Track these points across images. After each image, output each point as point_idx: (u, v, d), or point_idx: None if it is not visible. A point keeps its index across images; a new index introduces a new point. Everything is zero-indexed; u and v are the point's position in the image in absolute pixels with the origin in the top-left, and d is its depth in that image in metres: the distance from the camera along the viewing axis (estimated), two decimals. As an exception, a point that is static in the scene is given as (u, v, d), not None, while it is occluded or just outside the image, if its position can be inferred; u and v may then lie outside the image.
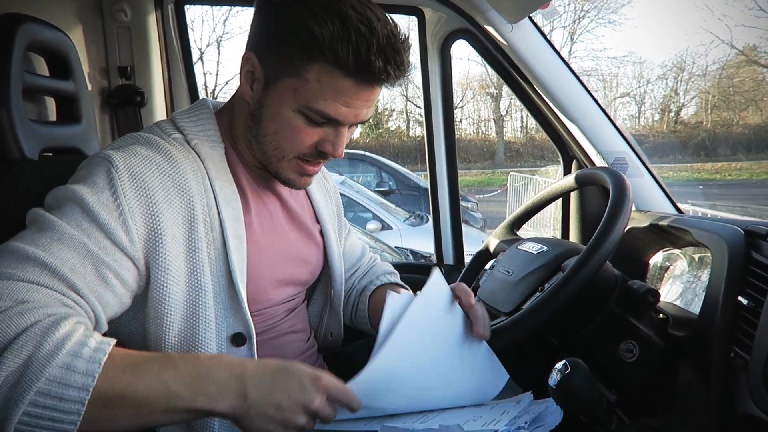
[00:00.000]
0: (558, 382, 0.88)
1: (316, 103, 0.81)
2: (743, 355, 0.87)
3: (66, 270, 0.69)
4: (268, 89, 0.84)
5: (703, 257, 1.13)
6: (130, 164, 0.78)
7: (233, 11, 18.54)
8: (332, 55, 0.77)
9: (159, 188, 0.78)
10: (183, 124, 0.89)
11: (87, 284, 0.71)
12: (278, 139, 0.86)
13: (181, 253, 0.80)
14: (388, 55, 0.79)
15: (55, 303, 0.67)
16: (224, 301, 0.84)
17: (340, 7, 0.77)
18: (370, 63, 0.77)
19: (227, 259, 0.83)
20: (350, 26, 0.76)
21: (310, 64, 0.79)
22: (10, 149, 0.92)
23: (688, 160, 19.33)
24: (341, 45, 0.76)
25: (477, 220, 7.30)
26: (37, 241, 0.70)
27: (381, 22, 0.79)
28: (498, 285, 1.14)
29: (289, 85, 0.81)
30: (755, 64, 19.68)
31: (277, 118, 0.84)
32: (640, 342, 0.99)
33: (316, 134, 0.85)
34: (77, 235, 0.71)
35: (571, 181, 1.23)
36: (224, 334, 0.84)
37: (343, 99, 0.81)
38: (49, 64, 1.11)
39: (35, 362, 0.60)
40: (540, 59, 1.45)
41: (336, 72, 0.78)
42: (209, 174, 0.85)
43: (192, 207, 0.81)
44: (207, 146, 0.88)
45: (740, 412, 0.86)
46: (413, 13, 1.62)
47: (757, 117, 20.68)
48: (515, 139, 22.41)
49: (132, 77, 1.62)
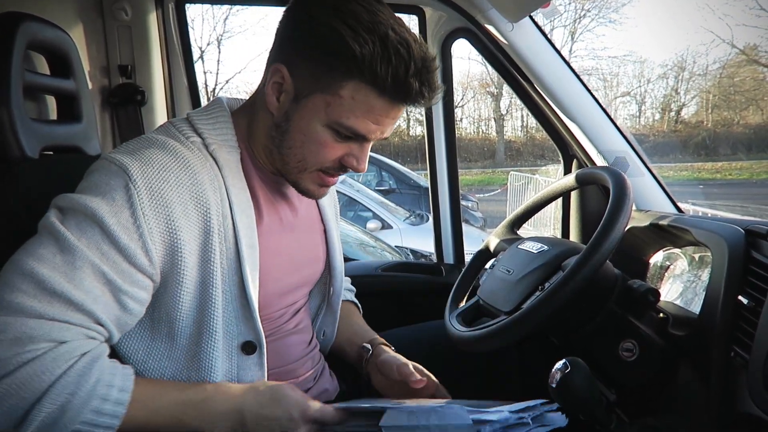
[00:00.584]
0: (558, 382, 0.88)
1: (347, 120, 0.81)
2: (743, 355, 0.87)
3: (90, 303, 0.71)
4: (299, 103, 0.83)
5: (704, 257, 1.13)
6: (148, 178, 0.76)
7: (233, 10, 18.55)
8: (370, 74, 0.77)
9: (177, 203, 0.77)
10: (201, 126, 0.87)
11: (107, 312, 0.74)
12: (303, 152, 0.85)
13: (195, 265, 0.80)
14: (423, 77, 0.80)
15: (83, 338, 0.72)
16: (236, 310, 0.84)
17: (380, 27, 0.77)
18: (407, 85, 0.78)
19: (240, 268, 0.83)
20: (390, 47, 0.77)
21: (346, 81, 0.79)
22: (10, 148, 0.92)
23: (689, 160, 19.33)
24: (381, 65, 0.76)
25: (477, 219, 7.30)
26: (60, 268, 0.70)
27: (417, 44, 0.80)
28: (498, 284, 1.14)
29: (321, 100, 0.81)
30: (756, 63, 19.69)
31: (306, 131, 0.84)
32: (640, 341, 0.99)
33: (341, 149, 0.85)
34: (98, 263, 0.71)
35: (572, 180, 1.23)
36: (235, 342, 0.85)
37: (373, 117, 0.82)
38: (50, 63, 1.11)
39: (71, 409, 0.66)
40: (540, 58, 1.45)
41: (371, 91, 0.79)
42: (226, 182, 0.84)
43: (209, 218, 0.80)
44: (225, 152, 0.86)
45: (740, 412, 0.86)
46: (414, 12, 1.62)
47: (757, 116, 20.68)
48: (515, 138, 22.41)
49: (132, 76, 1.62)
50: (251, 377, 0.86)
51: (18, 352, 0.65)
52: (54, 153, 1.07)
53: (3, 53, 0.92)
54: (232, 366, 0.85)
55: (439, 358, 1.14)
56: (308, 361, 1.02)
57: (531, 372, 1.20)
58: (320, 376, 1.05)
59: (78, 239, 0.71)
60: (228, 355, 0.84)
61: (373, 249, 3.85)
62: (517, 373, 1.25)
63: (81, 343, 0.71)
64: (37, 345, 0.67)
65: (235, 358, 0.85)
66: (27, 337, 0.66)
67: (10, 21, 0.95)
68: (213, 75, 18.97)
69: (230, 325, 0.84)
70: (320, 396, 1.02)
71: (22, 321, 0.66)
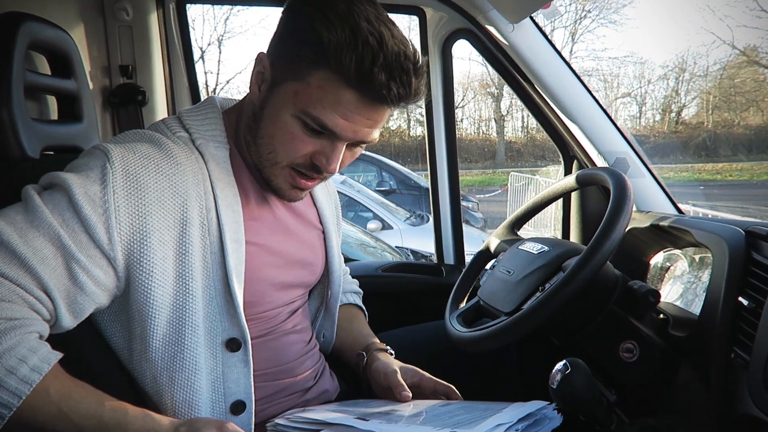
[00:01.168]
0: (558, 382, 0.88)
1: (314, 110, 0.79)
2: (743, 356, 0.87)
3: (35, 261, 0.69)
4: (272, 91, 0.83)
5: (704, 258, 1.13)
6: (126, 161, 0.77)
7: (234, 10, 18.54)
8: (336, 62, 0.76)
9: (153, 189, 0.77)
10: (189, 122, 0.88)
11: (55, 278, 0.71)
12: (273, 143, 0.84)
13: (170, 257, 0.79)
14: (394, 72, 0.77)
15: (17, 300, 0.69)
16: (219, 305, 0.83)
17: (354, 16, 0.76)
18: (372, 75, 0.75)
19: (224, 262, 0.82)
20: (359, 36, 0.75)
21: (315, 69, 0.78)
22: (11, 148, 0.92)
23: (689, 161, 19.32)
24: (346, 53, 0.75)
25: (477, 219, 7.30)
26: (17, 224, 0.71)
27: (395, 38, 0.78)
28: (498, 285, 1.14)
29: (292, 88, 0.81)
30: (756, 64, 19.67)
31: (276, 120, 0.83)
32: (641, 342, 0.99)
33: (311, 144, 0.83)
34: (55, 226, 0.72)
35: (572, 181, 1.23)
36: (219, 338, 0.83)
37: (341, 110, 0.79)
38: (51, 63, 1.11)
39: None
40: (541, 59, 1.45)
41: (339, 81, 0.77)
42: (211, 176, 0.84)
43: (186, 210, 0.79)
44: (212, 147, 0.86)
45: (740, 413, 0.86)
46: (414, 13, 1.62)
47: (758, 118, 20.67)
48: (516, 138, 22.40)
49: (133, 76, 1.62)
50: (237, 375, 0.85)
51: None
52: (55, 153, 1.07)
53: (4, 53, 0.92)
54: (217, 363, 0.84)
55: (440, 358, 1.14)
56: (307, 360, 1.01)
57: (531, 373, 1.20)
58: (320, 376, 1.05)
59: (45, 204, 0.73)
60: (212, 352, 0.83)
61: (374, 249, 3.85)
62: (518, 373, 1.25)
63: (9, 306, 0.68)
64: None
65: (219, 355, 0.84)
66: None
67: (11, 21, 0.95)
68: (214, 75, 18.99)
69: (213, 321, 0.83)
70: (320, 396, 1.02)
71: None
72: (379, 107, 0.80)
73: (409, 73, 0.78)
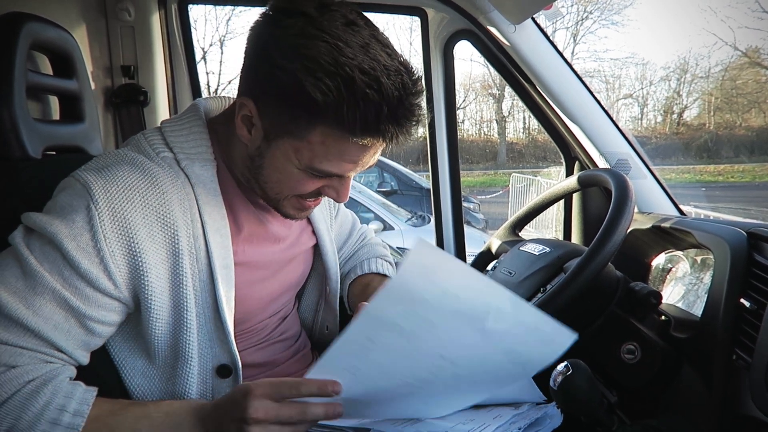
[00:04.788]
0: (559, 383, 0.88)
1: (320, 164, 0.76)
2: (745, 357, 0.87)
3: (49, 330, 0.70)
4: (269, 143, 0.77)
5: (706, 259, 1.13)
6: (110, 197, 0.72)
7: (236, 11, 18.55)
8: (337, 121, 0.70)
9: (141, 225, 0.74)
10: (173, 138, 0.83)
11: (71, 339, 0.72)
12: (280, 187, 0.82)
13: (166, 290, 0.77)
14: (399, 118, 0.72)
15: (38, 363, 0.70)
16: (210, 332, 0.82)
17: (344, 70, 0.68)
18: (380, 129, 0.71)
19: (214, 290, 0.80)
20: (357, 91, 0.68)
21: (313, 128, 0.72)
22: (13, 148, 0.92)
23: (691, 162, 19.30)
24: (348, 111, 0.69)
25: (479, 221, 7.30)
26: (20, 293, 0.69)
27: (391, 74, 0.70)
28: (500, 286, 1.13)
29: (291, 145, 0.75)
30: (758, 66, 19.66)
31: (280, 170, 0.79)
32: (642, 344, 0.99)
33: (320, 182, 0.81)
34: (59, 290, 0.70)
35: (574, 182, 1.23)
36: (209, 365, 0.83)
37: (348, 158, 0.75)
38: (53, 63, 1.11)
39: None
40: (543, 60, 1.45)
41: (341, 134, 0.72)
42: (198, 201, 0.80)
43: (176, 241, 0.76)
44: (198, 167, 0.81)
45: (741, 414, 0.86)
46: (416, 14, 1.62)
47: (760, 119, 20.64)
48: (517, 140, 22.40)
49: (135, 76, 1.62)
50: None
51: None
52: (56, 153, 1.07)
53: (6, 53, 0.92)
54: (206, 389, 0.83)
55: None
56: (296, 362, 1.01)
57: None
58: None
59: (40, 264, 0.70)
60: (203, 378, 0.82)
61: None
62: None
63: (33, 368, 0.69)
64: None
65: (209, 382, 0.83)
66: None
67: (13, 21, 0.95)
68: (215, 76, 19.01)
69: (204, 348, 0.82)
70: None
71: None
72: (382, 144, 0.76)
73: (412, 109, 0.73)
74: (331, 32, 0.69)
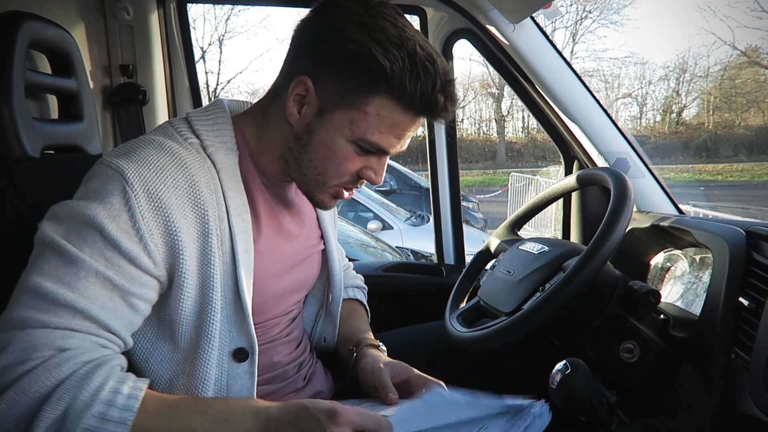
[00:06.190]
0: (558, 383, 0.88)
1: (372, 136, 0.81)
2: (744, 356, 0.87)
3: (97, 310, 0.71)
4: (323, 117, 0.82)
5: (704, 258, 1.13)
6: (145, 180, 0.74)
7: (235, 10, 18.57)
8: (399, 90, 0.78)
9: (175, 205, 0.76)
10: (199, 127, 0.85)
11: (117, 318, 0.73)
12: (325, 165, 0.85)
13: (196, 269, 0.79)
14: (447, 91, 0.81)
15: (91, 345, 0.71)
16: (229, 315, 0.83)
17: (408, 44, 0.77)
18: (434, 100, 0.79)
19: (236, 272, 0.81)
20: (418, 63, 0.77)
21: (373, 97, 0.79)
22: (12, 147, 0.92)
23: (690, 161, 19.33)
24: (410, 81, 0.77)
25: (478, 220, 7.31)
26: (64, 279, 0.70)
27: (440, 58, 0.81)
28: (499, 285, 1.14)
29: (347, 116, 0.81)
30: (757, 65, 19.68)
31: (330, 146, 0.83)
32: (641, 343, 0.99)
33: (361, 162, 0.86)
34: (102, 270, 0.71)
35: (573, 181, 1.23)
36: (226, 348, 0.83)
37: (397, 131, 0.82)
38: (52, 62, 1.11)
39: (72, 413, 0.64)
40: (542, 59, 1.45)
41: (397, 106, 0.79)
42: (223, 185, 0.82)
43: (206, 221, 0.79)
44: (222, 154, 0.84)
45: (740, 413, 0.86)
46: (415, 13, 1.62)
47: (758, 118, 20.68)
48: (517, 139, 22.42)
49: (134, 75, 1.62)
50: (241, 386, 0.84)
51: (23, 360, 0.66)
52: (55, 152, 1.07)
53: (5, 52, 0.92)
54: (222, 374, 0.83)
55: (440, 358, 1.14)
56: (296, 365, 1.01)
57: (531, 373, 1.20)
58: (312, 377, 1.04)
59: (81, 249, 0.70)
60: (220, 362, 0.83)
61: (374, 249, 3.85)
62: (518, 373, 1.25)
63: (88, 350, 0.70)
64: (42, 353, 0.67)
65: (225, 366, 0.83)
66: (31, 347, 0.66)
67: (11, 20, 0.95)
68: (214, 75, 19.00)
69: (224, 330, 0.83)
70: (314, 397, 1.01)
71: (27, 332, 0.67)
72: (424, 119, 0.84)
73: (455, 88, 0.83)
74: (390, 15, 0.80)
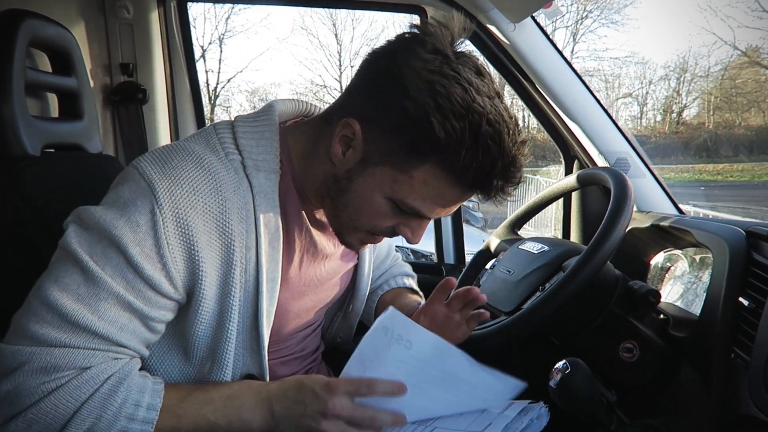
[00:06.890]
0: (558, 382, 0.88)
1: (413, 201, 0.75)
2: (744, 356, 0.87)
3: (116, 333, 0.71)
4: (365, 167, 0.76)
5: (704, 258, 1.13)
6: (175, 202, 0.71)
7: (236, 9, 18.56)
8: (450, 163, 0.70)
9: (202, 231, 0.73)
10: (244, 141, 0.79)
11: (136, 337, 0.74)
12: (358, 215, 0.79)
13: (214, 296, 0.77)
14: (508, 176, 0.73)
15: (110, 361, 0.72)
16: (244, 341, 0.82)
17: (474, 116, 0.69)
18: (489, 182, 0.72)
19: (257, 300, 0.79)
20: (480, 139, 0.69)
21: (422, 164, 0.72)
22: (11, 145, 0.92)
23: (690, 161, 19.32)
24: (465, 158, 0.69)
25: (478, 219, 7.31)
26: (84, 300, 0.69)
27: (510, 131, 0.72)
28: (499, 284, 1.14)
29: (390, 175, 0.74)
30: (758, 65, 19.67)
31: (366, 198, 0.77)
32: (641, 342, 0.99)
33: (397, 219, 0.79)
34: (123, 294, 0.70)
35: (573, 181, 1.23)
36: (238, 372, 0.83)
37: (441, 201, 0.76)
38: (52, 61, 1.11)
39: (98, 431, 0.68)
40: (542, 59, 1.45)
41: (447, 178, 0.72)
42: (256, 210, 0.77)
43: (232, 251, 0.75)
44: (262, 176, 0.79)
45: (740, 413, 0.86)
46: (416, 12, 1.62)
47: (759, 118, 20.66)
48: (517, 138, 22.35)
49: (134, 74, 1.62)
50: None
51: (43, 381, 0.66)
52: (55, 150, 1.07)
53: (5, 50, 0.92)
54: None
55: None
56: (295, 366, 1.01)
57: (531, 372, 1.20)
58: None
59: (102, 269, 0.69)
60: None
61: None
62: (518, 373, 1.25)
63: (106, 367, 0.71)
64: (62, 373, 0.67)
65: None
66: (52, 366, 0.67)
67: (12, 18, 0.95)
68: (215, 74, 18.99)
69: (237, 355, 0.82)
70: None
71: (47, 351, 0.67)
72: None
73: (520, 169, 0.74)
74: (466, 77, 0.71)
